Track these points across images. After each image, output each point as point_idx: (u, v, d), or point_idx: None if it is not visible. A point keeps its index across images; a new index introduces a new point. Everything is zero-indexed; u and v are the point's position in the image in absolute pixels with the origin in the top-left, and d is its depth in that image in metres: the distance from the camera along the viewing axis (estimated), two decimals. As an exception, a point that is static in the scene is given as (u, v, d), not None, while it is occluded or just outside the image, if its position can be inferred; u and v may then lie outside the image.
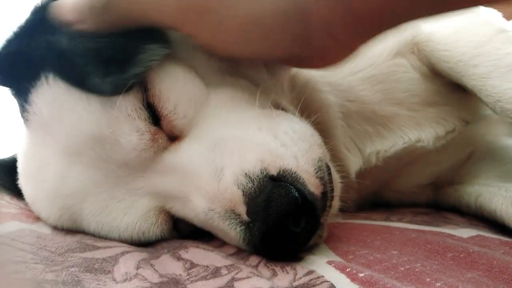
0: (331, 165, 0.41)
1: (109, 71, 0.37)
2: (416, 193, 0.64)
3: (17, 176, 0.48)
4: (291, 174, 0.37)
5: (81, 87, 0.39)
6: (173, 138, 0.41)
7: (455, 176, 0.62)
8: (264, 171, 0.37)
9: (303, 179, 0.37)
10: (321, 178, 0.39)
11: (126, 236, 0.42)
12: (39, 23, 0.41)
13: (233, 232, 0.38)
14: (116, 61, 0.38)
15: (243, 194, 0.36)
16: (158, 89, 0.40)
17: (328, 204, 0.39)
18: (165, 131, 0.41)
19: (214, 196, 0.38)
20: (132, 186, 0.41)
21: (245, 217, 0.37)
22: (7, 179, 0.52)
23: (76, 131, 0.39)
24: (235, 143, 0.39)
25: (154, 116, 0.40)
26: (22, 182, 0.47)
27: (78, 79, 0.39)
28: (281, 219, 0.35)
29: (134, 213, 0.41)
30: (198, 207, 0.39)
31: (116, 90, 0.37)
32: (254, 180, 0.37)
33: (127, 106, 0.39)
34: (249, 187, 0.36)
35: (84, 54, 0.38)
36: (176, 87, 0.41)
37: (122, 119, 0.39)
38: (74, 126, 0.39)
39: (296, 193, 0.36)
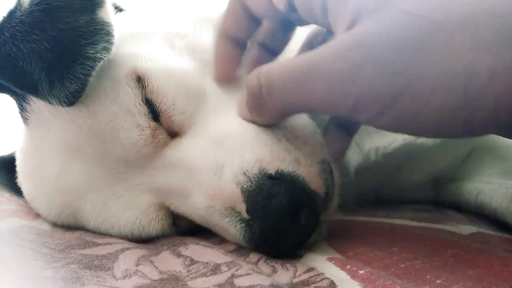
0: (332, 164, 0.41)
1: (53, 82, 0.37)
2: (416, 190, 0.64)
3: (15, 174, 0.48)
4: (290, 173, 0.37)
5: (34, 95, 0.39)
6: (173, 134, 0.41)
7: (455, 173, 0.62)
8: (262, 170, 0.37)
9: (302, 177, 0.37)
10: (325, 180, 0.38)
11: (126, 232, 0.42)
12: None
13: (233, 229, 0.38)
14: (57, 69, 0.37)
15: (242, 193, 0.36)
16: (156, 84, 0.40)
17: (329, 204, 0.39)
18: (164, 127, 0.41)
19: (214, 193, 0.38)
20: (132, 182, 0.41)
21: (245, 214, 0.37)
22: (6, 176, 0.52)
23: (76, 127, 0.39)
24: (237, 141, 0.39)
25: (153, 112, 0.40)
26: (22, 179, 0.47)
27: (28, 85, 0.38)
28: (281, 217, 0.35)
29: (134, 209, 0.41)
30: (198, 204, 0.39)
31: (65, 104, 0.37)
32: (252, 179, 0.36)
33: (127, 101, 0.39)
34: (248, 186, 0.36)
35: (28, 58, 0.37)
36: (173, 82, 0.41)
37: (122, 114, 0.39)
38: (73, 122, 0.39)
39: (296, 190, 0.36)
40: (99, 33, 0.39)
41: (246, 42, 0.42)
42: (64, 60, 0.37)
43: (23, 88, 0.39)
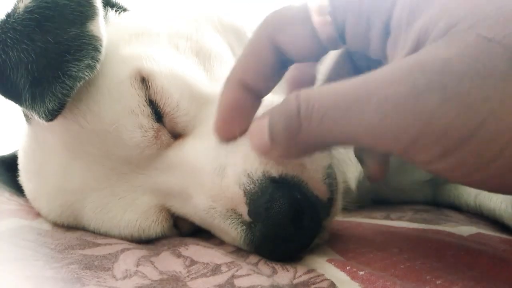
0: (336, 170, 0.41)
1: (35, 96, 0.36)
2: (415, 190, 0.64)
3: (17, 172, 0.48)
4: (293, 178, 0.37)
5: (18, 104, 0.39)
6: (176, 135, 0.41)
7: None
8: (266, 173, 0.36)
9: (306, 183, 0.37)
10: (330, 185, 0.38)
11: (126, 234, 0.42)
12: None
13: (233, 232, 0.37)
14: (40, 84, 0.37)
15: (244, 195, 0.36)
16: (161, 85, 0.40)
17: (332, 209, 0.39)
18: (167, 128, 0.41)
19: (215, 194, 0.37)
20: (133, 183, 0.41)
21: (246, 217, 0.36)
22: (7, 175, 0.52)
23: (78, 126, 0.39)
24: (241, 143, 0.39)
25: (156, 113, 0.40)
26: (23, 178, 0.47)
27: (13, 94, 0.38)
28: (282, 221, 0.35)
29: (134, 211, 0.41)
30: (199, 205, 0.39)
31: (43, 120, 0.37)
32: (256, 181, 0.36)
33: (130, 102, 0.39)
34: (251, 188, 0.36)
35: (16, 67, 0.37)
36: (178, 83, 0.41)
37: (125, 115, 0.39)
38: (76, 121, 0.39)
39: (299, 195, 0.36)
40: (86, 48, 0.38)
41: (263, 94, 0.36)
42: (47, 76, 0.37)
43: (7, 96, 0.39)
